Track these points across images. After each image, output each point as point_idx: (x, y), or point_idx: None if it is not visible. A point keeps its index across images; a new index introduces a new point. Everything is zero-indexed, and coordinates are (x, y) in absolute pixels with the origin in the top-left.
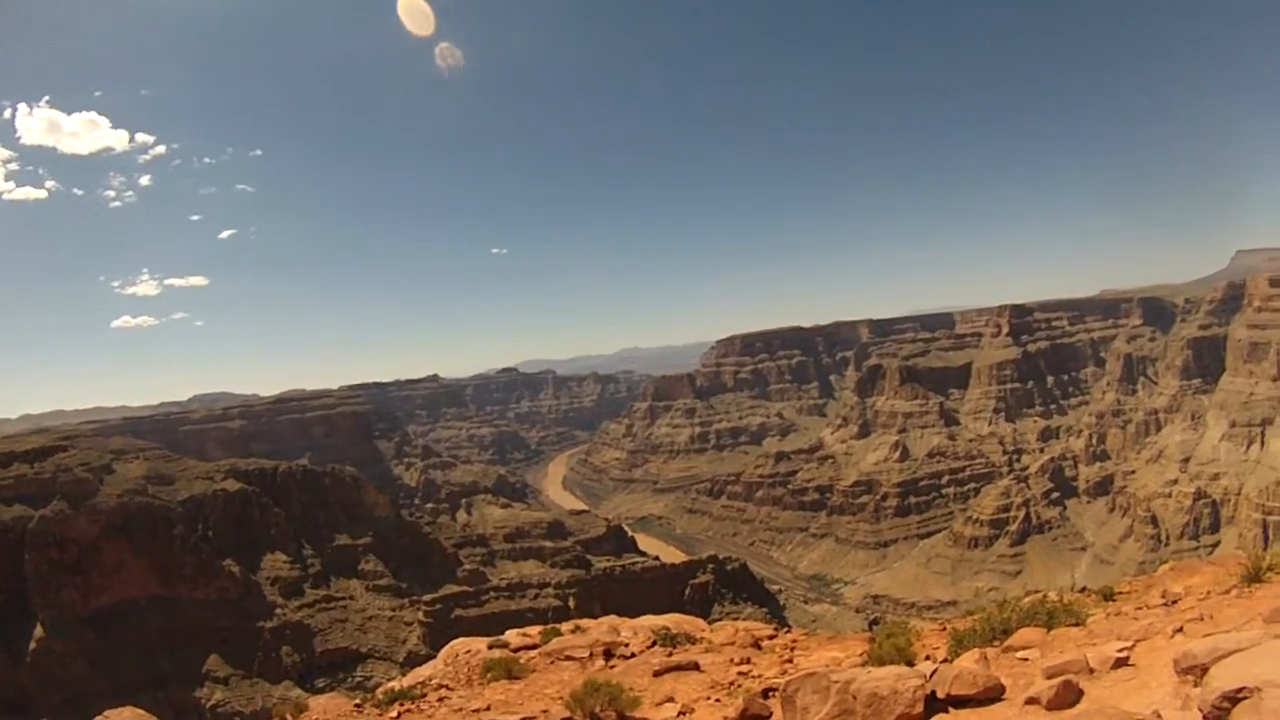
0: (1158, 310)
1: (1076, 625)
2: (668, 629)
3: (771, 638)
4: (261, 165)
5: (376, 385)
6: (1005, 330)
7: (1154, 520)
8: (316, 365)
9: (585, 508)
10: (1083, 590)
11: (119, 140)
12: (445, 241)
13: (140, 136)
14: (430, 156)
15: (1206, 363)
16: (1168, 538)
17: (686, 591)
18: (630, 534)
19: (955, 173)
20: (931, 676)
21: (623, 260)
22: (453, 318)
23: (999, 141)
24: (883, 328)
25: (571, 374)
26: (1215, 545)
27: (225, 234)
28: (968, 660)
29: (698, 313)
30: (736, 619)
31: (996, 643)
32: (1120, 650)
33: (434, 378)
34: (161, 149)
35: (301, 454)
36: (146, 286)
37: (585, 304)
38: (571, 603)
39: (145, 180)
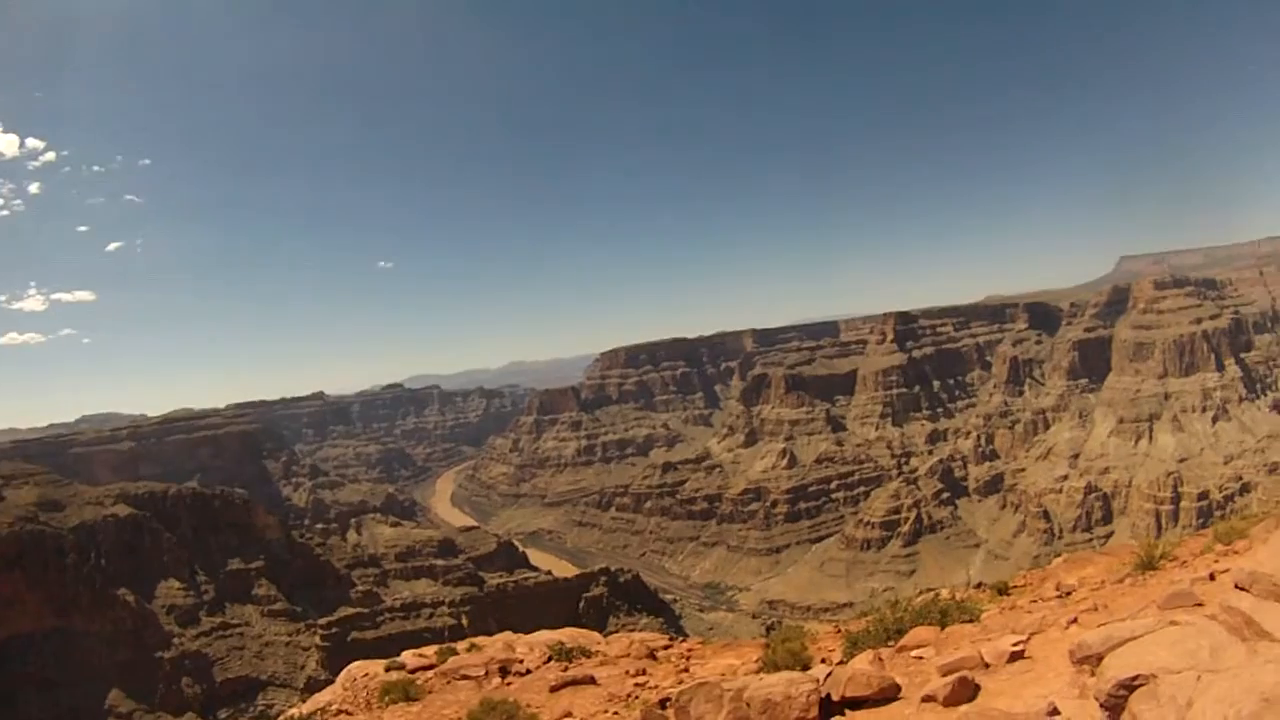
0: (1043, 314)
1: (970, 621)
2: (563, 643)
3: (667, 648)
4: (150, 175)
5: (263, 403)
6: (890, 337)
7: (1046, 515)
8: (204, 383)
9: (475, 524)
10: (978, 586)
11: (9, 145)
12: (331, 254)
13: (31, 141)
14: (316, 167)
15: (1092, 363)
16: (1061, 531)
17: (581, 605)
18: (521, 549)
19: (838, 183)
20: (826, 679)
21: (507, 274)
22: (338, 333)
23: (881, 153)
24: (767, 337)
25: (457, 389)
26: (1109, 536)
27: (112, 246)
28: (862, 661)
29: (583, 325)
30: (633, 630)
31: (891, 643)
32: (1015, 644)
33: (320, 395)
34: (51, 155)
35: (190, 476)
36: (34, 302)
37: (471, 318)
38: (465, 621)
39: (34, 188)
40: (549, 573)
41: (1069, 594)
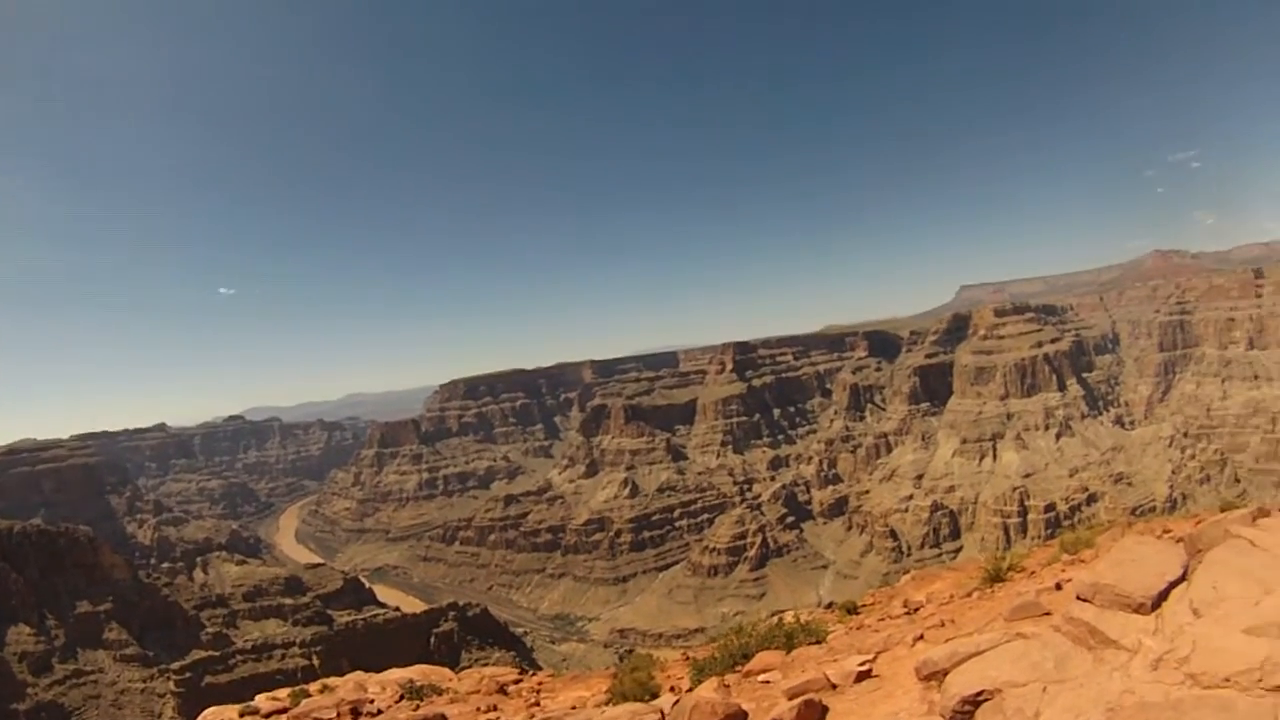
0: (883, 343)
1: (817, 643)
2: (414, 681)
3: (517, 682)
4: None
5: (106, 435)
6: (730, 367)
7: (893, 534)
8: (48, 412)
9: (321, 561)
10: (828, 606)
11: None
12: (172, 279)
13: None
14: (156, 188)
15: (934, 388)
16: (909, 549)
17: (432, 641)
18: (368, 585)
19: (676, 218)
20: (672, 708)
21: (344, 304)
22: (180, 361)
23: (719, 187)
24: (606, 368)
25: (298, 421)
26: (958, 551)
27: None
28: (708, 689)
29: (421, 357)
30: (485, 665)
31: (738, 668)
32: (862, 663)
33: (162, 426)
34: None
35: (34, 511)
36: None
37: (310, 348)
38: (317, 661)
39: None
40: (397, 609)
41: (916, 610)
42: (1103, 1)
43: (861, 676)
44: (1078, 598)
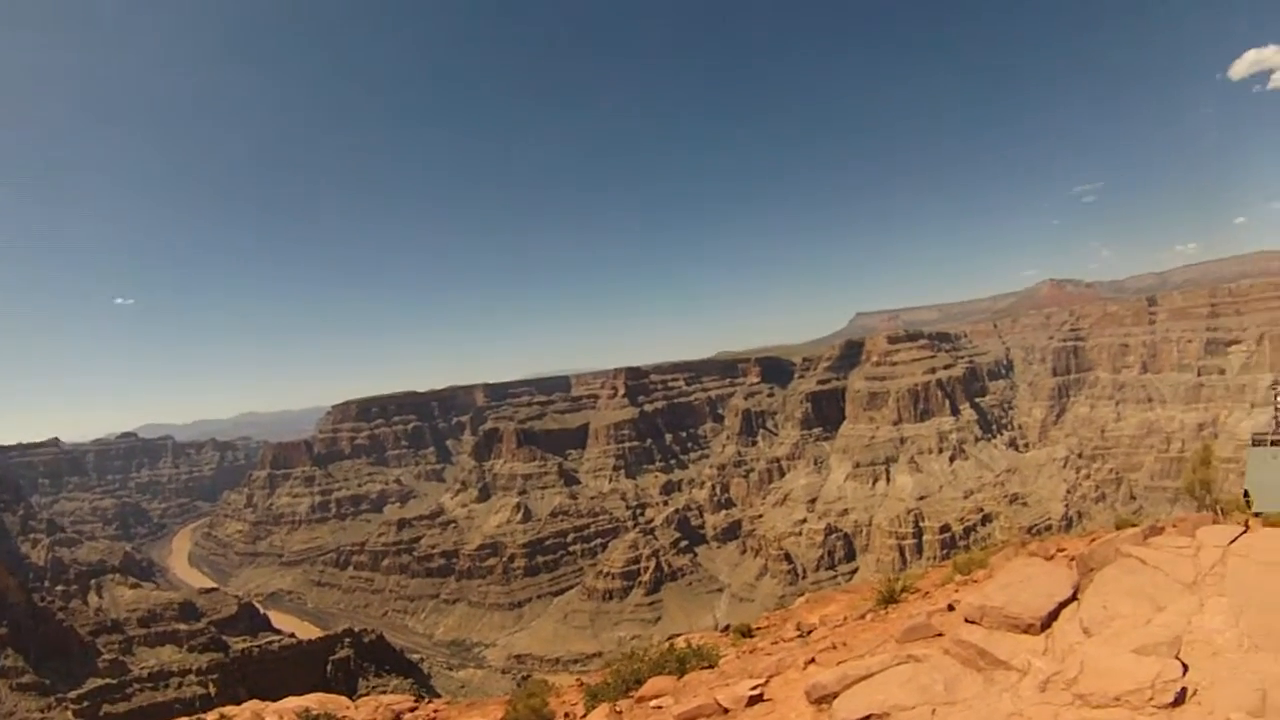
0: (776, 369)
1: (709, 668)
2: (310, 709)
3: (413, 709)
4: None
5: None
6: (622, 391)
7: (788, 557)
8: None
9: (215, 585)
10: (725, 629)
11: None
12: (67, 287)
13: None
14: (52, 189)
15: (826, 413)
16: (804, 571)
17: (329, 668)
18: (263, 611)
19: (569, 244)
20: None
21: (240, 320)
22: (74, 373)
23: (612, 214)
24: (499, 392)
25: (190, 440)
26: (853, 573)
27: None
28: (600, 716)
29: (315, 376)
30: (383, 692)
31: (631, 694)
32: (754, 688)
33: (55, 442)
34: None
35: None
36: None
37: (205, 364)
38: (213, 689)
39: None
40: (293, 635)
41: (809, 633)
42: (1004, 36)
43: (753, 701)
44: (966, 620)
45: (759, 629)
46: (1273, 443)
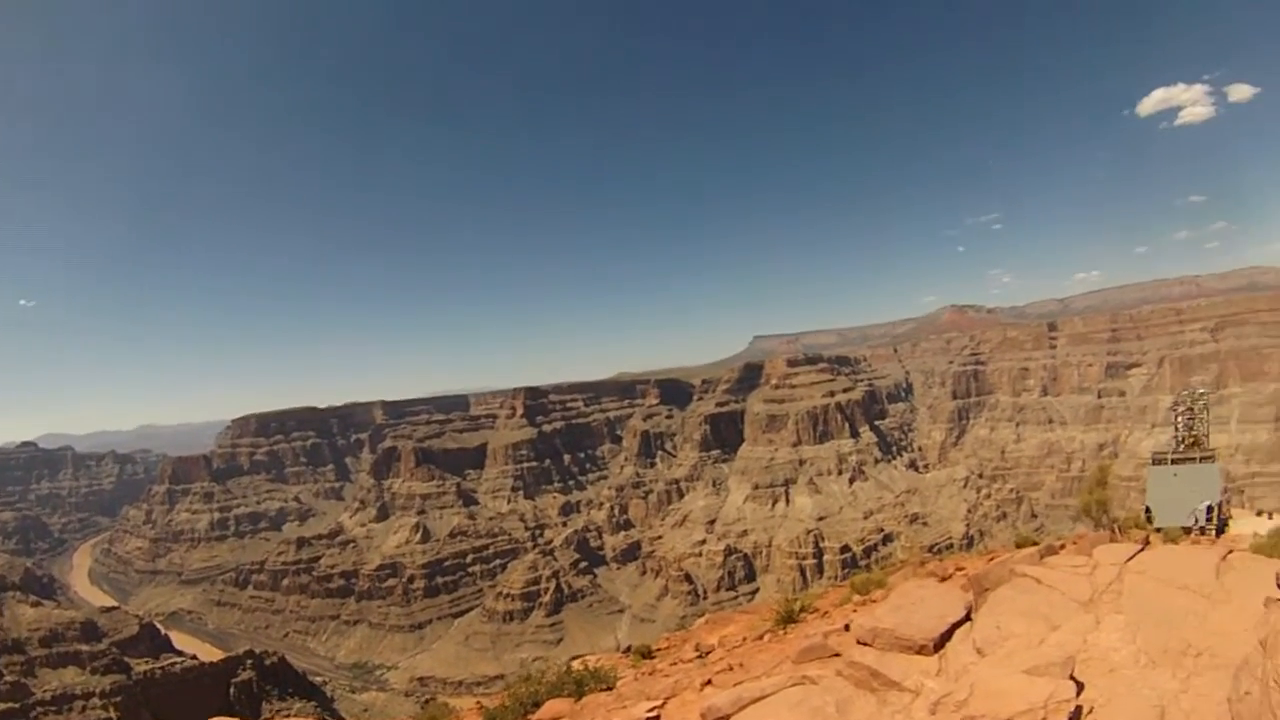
0: (674, 390)
1: (607, 689)
2: None
3: None
4: None
5: None
6: (520, 411)
7: (688, 578)
8: None
9: (115, 604)
10: (626, 650)
11: None
12: None
13: None
14: None
15: (725, 435)
16: (705, 592)
17: (231, 691)
18: (164, 631)
19: (465, 260)
20: None
21: (141, 328)
22: None
23: (510, 234)
24: (397, 410)
25: (90, 451)
26: (755, 593)
27: None
28: None
29: (216, 389)
30: (287, 716)
31: (529, 716)
32: (650, 710)
33: None
34: None
35: None
36: None
37: (106, 373)
38: (115, 713)
39: None
40: (194, 657)
41: (708, 654)
42: (912, 65)
43: None
44: (858, 641)
45: (659, 650)
46: (1173, 461)
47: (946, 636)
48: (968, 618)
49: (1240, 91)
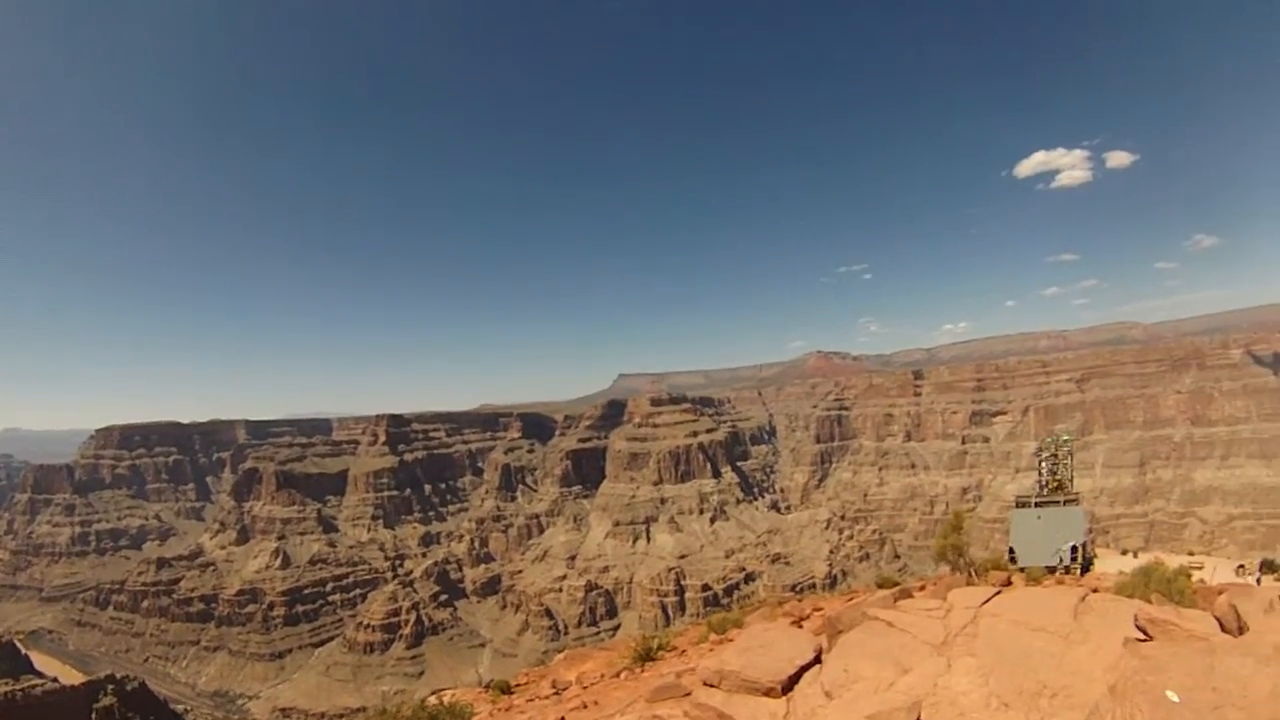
0: (537, 425)
1: None
2: None
3: None
4: None
5: None
6: (383, 439)
7: (549, 613)
8: None
9: None
10: (487, 685)
11: None
12: None
13: None
14: None
15: (586, 471)
16: (566, 627)
17: (93, 717)
18: (24, 651)
19: (327, 284)
20: None
21: (7, 329)
22: None
23: (373, 254)
24: (260, 429)
25: None
26: (616, 629)
27: None
28: None
29: (82, 395)
30: None
31: None
32: None
33: None
34: None
35: None
36: None
37: None
38: None
39: None
40: (55, 680)
41: (564, 690)
42: (786, 117)
43: None
44: (704, 683)
45: (518, 686)
46: (1036, 504)
47: (795, 679)
48: (818, 660)
49: (1119, 158)
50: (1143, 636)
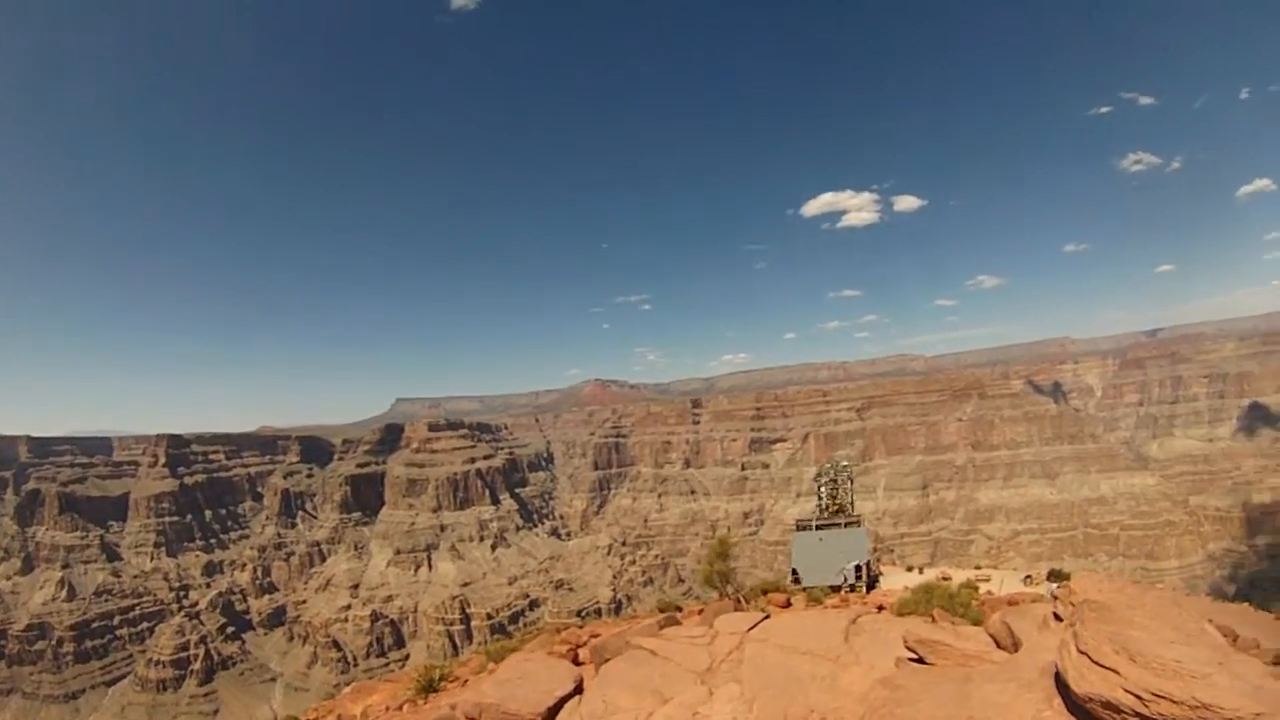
0: (316, 448)
1: None
2: None
3: None
4: None
5: None
6: (163, 460)
7: (337, 644)
8: None
9: None
10: None
11: None
12: None
13: None
14: None
15: (365, 498)
16: (355, 658)
17: None
18: None
19: (98, 296)
20: None
21: None
22: None
23: (137, 271)
24: (42, 447)
25: None
26: (406, 659)
27: None
28: None
29: None
30: None
31: None
32: None
33: None
34: None
35: None
36: None
37: None
38: None
39: None
40: None
41: None
42: (562, 153)
43: None
44: (466, 717)
45: None
46: (818, 526)
47: (555, 710)
48: (578, 690)
49: (907, 202)
50: (914, 656)
